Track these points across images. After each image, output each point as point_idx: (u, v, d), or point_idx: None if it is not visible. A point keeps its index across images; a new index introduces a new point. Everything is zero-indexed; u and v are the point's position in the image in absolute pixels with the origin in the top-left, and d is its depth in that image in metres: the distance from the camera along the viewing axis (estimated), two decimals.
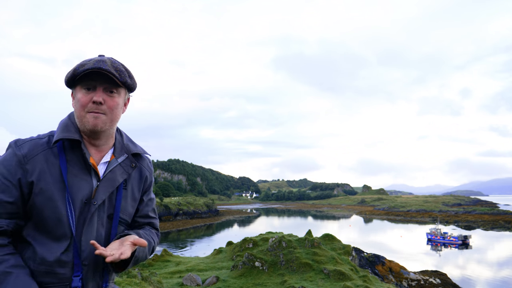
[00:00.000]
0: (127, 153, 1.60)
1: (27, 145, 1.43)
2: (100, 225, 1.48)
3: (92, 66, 1.40)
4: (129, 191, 1.59)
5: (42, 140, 1.46)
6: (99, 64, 1.42)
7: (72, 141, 1.46)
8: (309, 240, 17.05)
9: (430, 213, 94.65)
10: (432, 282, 21.77)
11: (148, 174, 1.69)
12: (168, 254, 20.80)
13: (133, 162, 1.60)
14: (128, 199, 1.58)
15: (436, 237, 50.48)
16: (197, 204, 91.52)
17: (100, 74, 1.43)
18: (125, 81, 1.49)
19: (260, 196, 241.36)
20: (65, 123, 1.50)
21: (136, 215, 1.67)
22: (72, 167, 1.44)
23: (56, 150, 1.44)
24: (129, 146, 1.63)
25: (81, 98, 1.45)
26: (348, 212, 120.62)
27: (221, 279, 14.45)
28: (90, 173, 1.47)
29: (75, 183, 1.43)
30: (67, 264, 1.40)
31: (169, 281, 14.21)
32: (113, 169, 1.53)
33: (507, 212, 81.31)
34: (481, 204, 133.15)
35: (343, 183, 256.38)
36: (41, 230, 1.41)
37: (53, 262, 1.38)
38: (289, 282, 13.62)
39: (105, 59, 1.46)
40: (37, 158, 1.41)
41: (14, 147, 1.42)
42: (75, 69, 1.44)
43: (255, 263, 15.26)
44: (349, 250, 18.24)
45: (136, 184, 1.63)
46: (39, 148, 1.43)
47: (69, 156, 1.45)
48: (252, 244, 18.50)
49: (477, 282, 27.99)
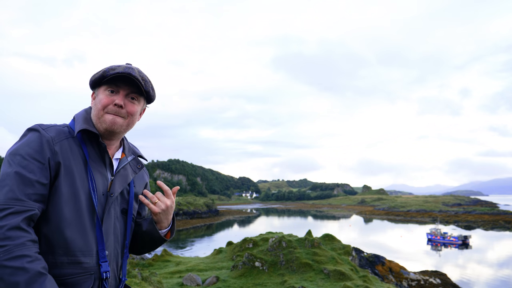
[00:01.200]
0: (134, 154, 1.69)
1: (53, 129, 1.45)
2: (115, 218, 1.53)
3: (122, 71, 1.47)
4: (137, 189, 1.67)
5: (64, 129, 1.49)
6: (129, 70, 1.49)
7: (91, 134, 1.51)
8: (309, 240, 17.05)
9: (430, 213, 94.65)
10: (432, 282, 21.76)
11: (146, 175, 1.79)
12: (168, 254, 20.79)
13: (139, 164, 1.70)
14: (136, 197, 1.66)
15: (436, 237, 50.47)
16: (197, 204, 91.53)
17: (126, 79, 1.50)
18: (148, 91, 1.56)
19: (260, 196, 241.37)
20: (84, 116, 1.54)
21: (140, 218, 1.76)
22: (91, 159, 1.49)
23: (78, 141, 1.48)
24: (134, 149, 1.74)
25: (104, 99, 1.51)
26: (348, 212, 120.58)
27: (221, 279, 14.45)
28: (106, 166, 1.53)
29: (94, 174, 1.47)
30: (91, 253, 1.41)
31: (169, 281, 14.20)
32: (125, 166, 1.61)
33: (507, 212, 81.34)
34: (481, 204, 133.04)
35: (343, 183, 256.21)
36: (63, 218, 1.37)
37: (78, 251, 1.37)
38: (289, 282, 13.62)
39: (133, 67, 1.53)
40: (64, 143, 1.43)
41: (40, 130, 1.41)
42: (104, 71, 1.50)
43: (255, 263, 15.26)
44: (349, 250, 18.25)
45: (140, 184, 1.72)
46: (64, 135, 1.46)
47: (88, 147, 1.50)
48: (252, 244, 18.50)
49: (477, 282, 27.99)
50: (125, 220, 1.58)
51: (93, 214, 1.43)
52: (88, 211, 1.42)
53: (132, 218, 1.61)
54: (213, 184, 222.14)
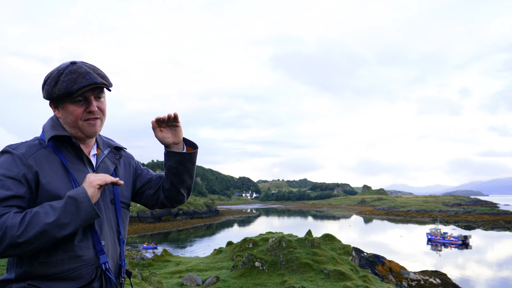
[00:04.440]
0: (109, 147, 1.75)
1: (23, 146, 1.49)
2: (106, 208, 1.60)
3: (87, 83, 1.48)
4: (121, 178, 1.73)
5: (33, 143, 1.53)
6: (92, 79, 1.49)
7: (62, 138, 1.55)
8: (309, 240, 17.05)
9: (430, 213, 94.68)
10: (432, 282, 21.77)
11: (131, 159, 1.86)
12: (168, 254, 20.80)
13: (117, 155, 1.75)
14: (122, 186, 1.72)
15: (436, 237, 50.50)
16: (197, 204, 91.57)
17: (92, 87, 1.52)
18: (111, 84, 1.60)
19: (260, 196, 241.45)
20: (51, 124, 1.58)
21: (144, 185, 1.83)
22: (69, 161, 1.54)
23: (51, 148, 1.53)
24: (109, 141, 1.78)
25: (75, 110, 1.53)
26: (348, 212, 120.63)
27: (221, 279, 14.45)
28: (85, 164, 1.59)
29: (76, 174, 1.53)
30: (88, 245, 1.49)
31: (169, 281, 14.21)
32: (103, 159, 1.68)
33: (507, 212, 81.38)
34: (481, 204, 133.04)
35: (343, 183, 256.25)
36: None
37: (76, 246, 1.45)
38: (289, 282, 13.63)
39: (88, 70, 1.51)
40: (36, 155, 1.47)
41: (10, 149, 1.47)
42: (67, 87, 1.47)
43: (255, 263, 15.26)
44: (349, 250, 18.25)
45: (125, 171, 1.79)
46: (34, 148, 1.50)
47: (63, 151, 1.55)
48: (252, 244, 18.50)
49: (477, 282, 28.01)
50: (114, 209, 1.65)
51: None
52: None
53: (120, 206, 1.68)
54: (213, 184, 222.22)
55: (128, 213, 1.76)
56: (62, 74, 1.49)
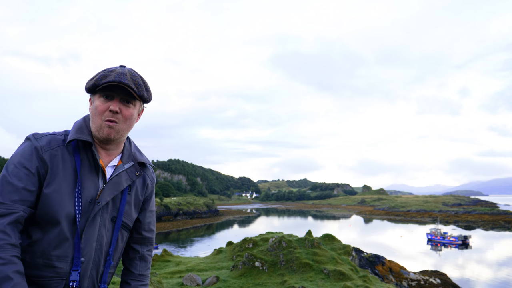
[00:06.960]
0: (133, 161, 1.68)
1: (45, 138, 1.50)
2: (102, 226, 1.54)
3: (113, 79, 1.49)
4: (133, 197, 1.67)
5: (58, 137, 1.54)
6: (120, 77, 1.50)
7: (84, 142, 1.55)
8: (309, 240, 17.05)
9: (430, 213, 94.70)
10: (432, 282, 21.77)
11: (150, 182, 1.76)
12: (168, 254, 20.79)
13: (138, 170, 1.68)
14: (132, 204, 1.66)
15: (436, 237, 50.50)
16: (197, 204, 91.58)
17: (119, 86, 1.51)
18: (142, 95, 1.57)
19: (260, 196, 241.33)
20: (79, 125, 1.58)
21: (140, 227, 1.75)
22: (83, 167, 1.52)
23: (71, 149, 1.52)
24: (136, 154, 1.71)
25: (99, 105, 1.53)
26: (348, 212, 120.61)
27: (221, 279, 14.45)
28: (98, 174, 1.55)
29: (84, 182, 1.50)
30: (67, 259, 1.44)
31: (169, 281, 14.20)
32: (120, 173, 1.61)
33: (507, 212, 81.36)
34: (481, 204, 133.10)
35: (343, 183, 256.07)
36: (45, 222, 1.44)
37: (53, 255, 1.42)
38: (289, 282, 13.62)
39: (125, 71, 1.54)
40: (54, 152, 1.48)
41: (32, 139, 1.48)
42: (97, 79, 1.52)
43: (255, 263, 15.26)
44: (349, 250, 18.25)
45: (139, 191, 1.70)
46: (56, 143, 1.50)
47: (81, 155, 1.54)
48: (252, 244, 18.50)
49: (477, 282, 28.00)
50: (112, 228, 1.58)
51: (76, 221, 1.46)
52: (72, 218, 1.46)
53: (120, 225, 1.61)
54: (213, 184, 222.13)
55: (127, 236, 1.68)
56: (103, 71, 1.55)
